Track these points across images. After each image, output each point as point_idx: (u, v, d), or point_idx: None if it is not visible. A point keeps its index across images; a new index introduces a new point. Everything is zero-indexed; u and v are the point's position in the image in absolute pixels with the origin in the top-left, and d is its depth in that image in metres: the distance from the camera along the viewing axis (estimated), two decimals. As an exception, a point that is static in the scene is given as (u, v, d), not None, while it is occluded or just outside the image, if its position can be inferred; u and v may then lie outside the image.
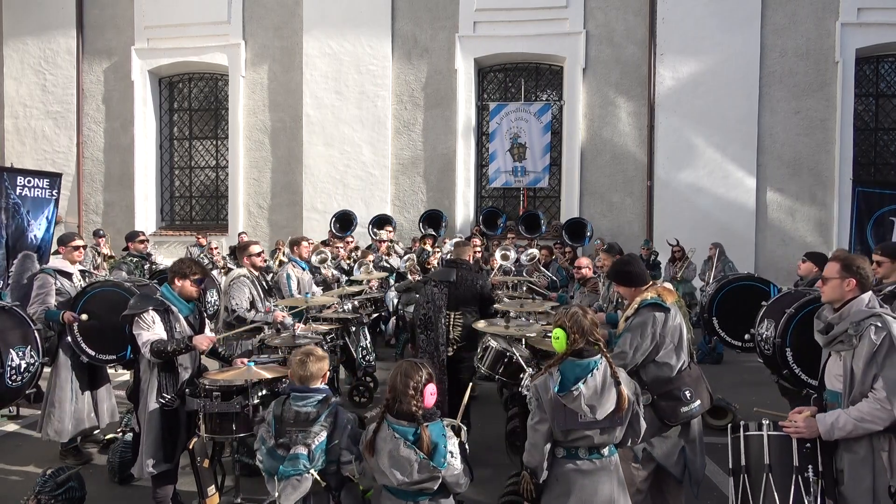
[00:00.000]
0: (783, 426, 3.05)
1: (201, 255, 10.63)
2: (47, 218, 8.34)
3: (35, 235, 8.24)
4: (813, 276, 5.85)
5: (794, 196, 12.34)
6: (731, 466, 3.11)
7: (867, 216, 6.67)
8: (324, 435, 2.93)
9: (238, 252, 6.19)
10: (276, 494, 2.87)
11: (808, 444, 2.97)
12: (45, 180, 8.47)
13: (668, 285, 3.88)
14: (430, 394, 2.86)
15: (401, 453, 2.73)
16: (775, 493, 2.93)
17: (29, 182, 8.28)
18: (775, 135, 12.31)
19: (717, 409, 5.91)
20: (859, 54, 12.22)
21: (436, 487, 2.80)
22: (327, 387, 3.19)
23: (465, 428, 3.49)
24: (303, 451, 2.87)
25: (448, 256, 6.03)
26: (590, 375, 2.78)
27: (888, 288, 4.48)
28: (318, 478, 2.89)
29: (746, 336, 5.14)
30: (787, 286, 6.28)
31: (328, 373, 3.22)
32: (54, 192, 8.45)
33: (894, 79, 13.00)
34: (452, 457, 2.79)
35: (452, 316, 5.48)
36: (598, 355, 2.86)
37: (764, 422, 3.11)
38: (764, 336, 4.79)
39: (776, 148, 12.32)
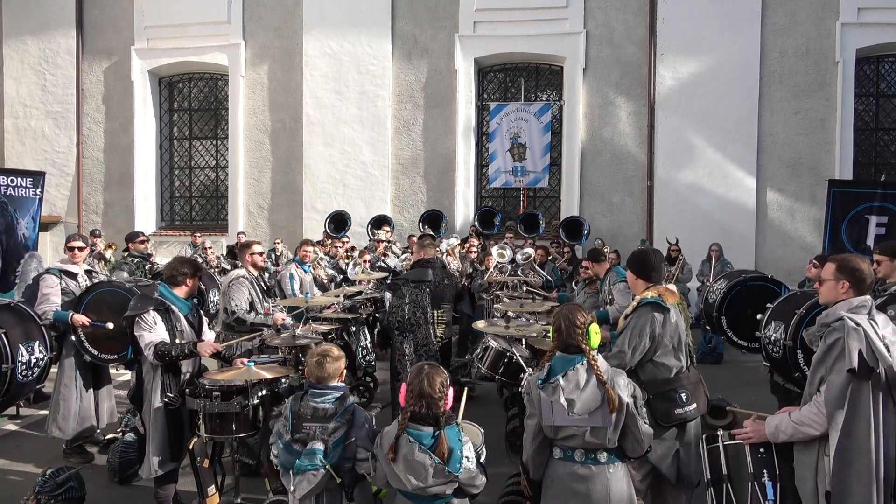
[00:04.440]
0: (735, 434, 3.03)
1: (196, 255, 10.60)
2: (33, 217, 8.11)
3: (24, 234, 8.06)
4: None
5: (794, 196, 12.33)
6: (707, 478, 3.11)
7: (841, 216, 6.63)
8: (341, 431, 2.96)
9: (239, 251, 6.19)
10: (291, 488, 2.91)
11: (762, 450, 2.94)
12: (29, 179, 8.22)
13: (672, 287, 3.86)
14: (450, 396, 2.88)
15: (415, 458, 2.71)
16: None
17: (13, 182, 8.11)
18: (775, 135, 12.30)
19: (716, 409, 5.89)
20: (859, 54, 12.20)
21: (450, 491, 2.78)
22: (344, 384, 3.21)
23: (482, 431, 3.48)
24: (319, 446, 2.91)
25: (417, 256, 6.00)
26: (571, 369, 2.80)
27: (893, 288, 4.44)
28: (333, 472, 2.91)
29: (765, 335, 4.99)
30: (794, 287, 6.25)
31: (345, 371, 3.24)
32: (38, 192, 8.22)
33: (894, 79, 12.99)
34: (468, 461, 2.78)
35: (436, 314, 5.73)
36: (581, 353, 2.87)
37: (719, 433, 3.11)
38: (772, 339, 4.68)
39: (776, 148, 12.32)
